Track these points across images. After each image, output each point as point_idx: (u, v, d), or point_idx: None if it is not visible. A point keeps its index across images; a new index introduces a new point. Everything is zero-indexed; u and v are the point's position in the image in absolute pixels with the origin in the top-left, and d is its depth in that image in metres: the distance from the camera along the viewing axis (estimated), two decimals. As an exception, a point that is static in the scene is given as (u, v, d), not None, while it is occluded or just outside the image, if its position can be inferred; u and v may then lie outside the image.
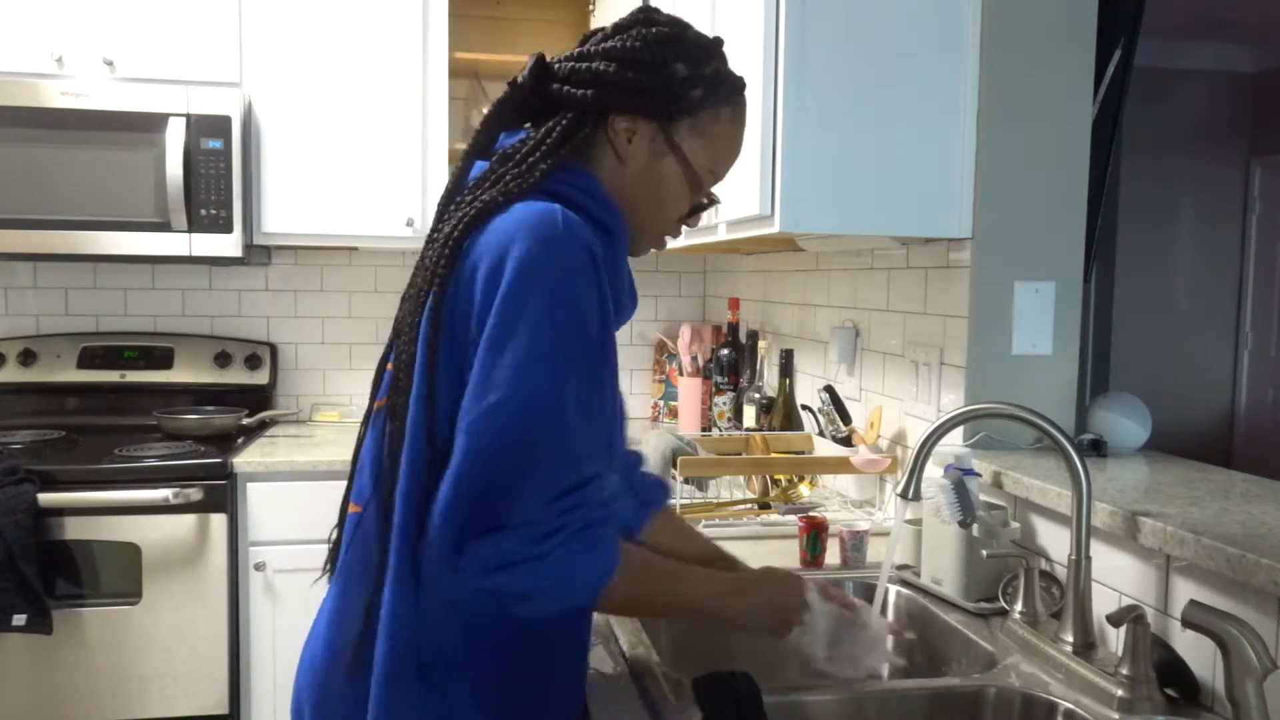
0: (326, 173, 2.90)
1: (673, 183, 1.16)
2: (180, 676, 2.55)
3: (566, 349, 0.99)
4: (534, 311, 0.97)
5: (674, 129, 1.14)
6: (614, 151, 1.14)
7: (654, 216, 1.18)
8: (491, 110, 1.15)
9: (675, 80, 1.13)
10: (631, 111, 1.12)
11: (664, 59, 1.12)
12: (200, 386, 3.11)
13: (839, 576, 1.70)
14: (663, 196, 1.16)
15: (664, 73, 1.12)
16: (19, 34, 2.74)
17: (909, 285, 2.03)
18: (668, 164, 1.15)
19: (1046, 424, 1.31)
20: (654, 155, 1.14)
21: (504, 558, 0.95)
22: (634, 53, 1.11)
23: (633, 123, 1.13)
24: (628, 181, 1.15)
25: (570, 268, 1.00)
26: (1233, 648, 1.05)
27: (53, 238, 2.72)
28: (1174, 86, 6.02)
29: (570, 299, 0.99)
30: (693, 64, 1.14)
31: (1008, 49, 1.77)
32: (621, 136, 1.13)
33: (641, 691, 1.23)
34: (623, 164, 1.14)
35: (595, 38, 1.15)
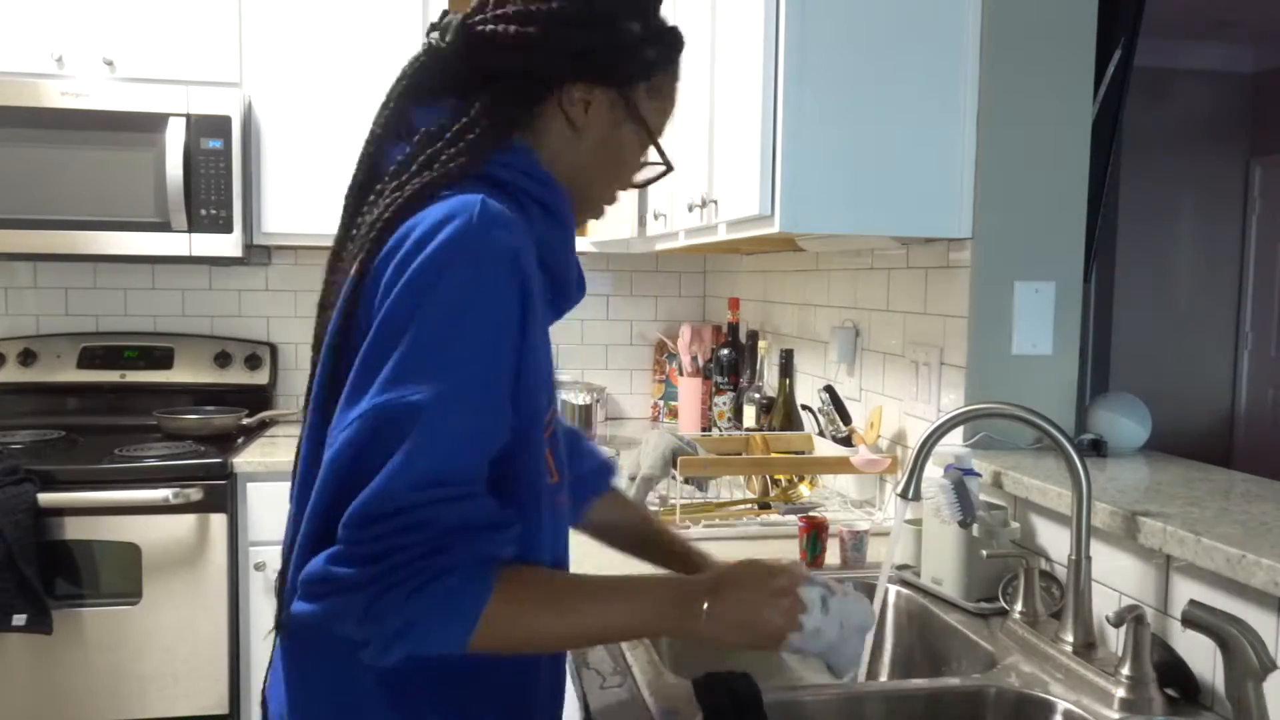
0: (326, 173, 2.90)
1: (630, 149, 1.06)
2: (180, 676, 2.55)
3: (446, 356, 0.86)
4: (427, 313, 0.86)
5: (631, 92, 1.02)
6: (567, 121, 1.01)
7: (606, 186, 1.08)
8: (403, 82, 1.01)
9: (631, 40, 1.00)
10: (588, 79, 1.00)
11: (617, 16, 1.00)
12: (200, 386, 3.11)
13: (839, 577, 1.70)
14: (619, 165, 1.07)
15: (619, 32, 1.00)
16: (19, 34, 2.74)
17: (909, 285, 2.03)
18: (626, 131, 1.04)
19: (1046, 424, 1.31)
20: (613, 124, 1.03)
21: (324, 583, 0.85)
22: (585, 12, 0.98)
23: (588, 90, 1.00)
24: (582, 153, 1.03)
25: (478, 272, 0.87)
26: (1233, 648, 1.05)
27: (53, 238, 2.72)
28: (1174, 86, 6.02)
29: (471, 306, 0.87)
30: (644, 18, 1.02)
31: (1008, 49, 1.77)
32: (578, 106, 1.01)
33: (641, 691, 1.23)
34: (578, 135, 1.02)
35: None
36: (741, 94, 1.85)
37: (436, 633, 0.86)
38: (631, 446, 2.11)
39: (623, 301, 3.49)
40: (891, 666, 1.63)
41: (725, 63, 1.98)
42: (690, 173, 2.24)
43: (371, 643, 0.86)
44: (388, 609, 0.83)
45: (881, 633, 1.64)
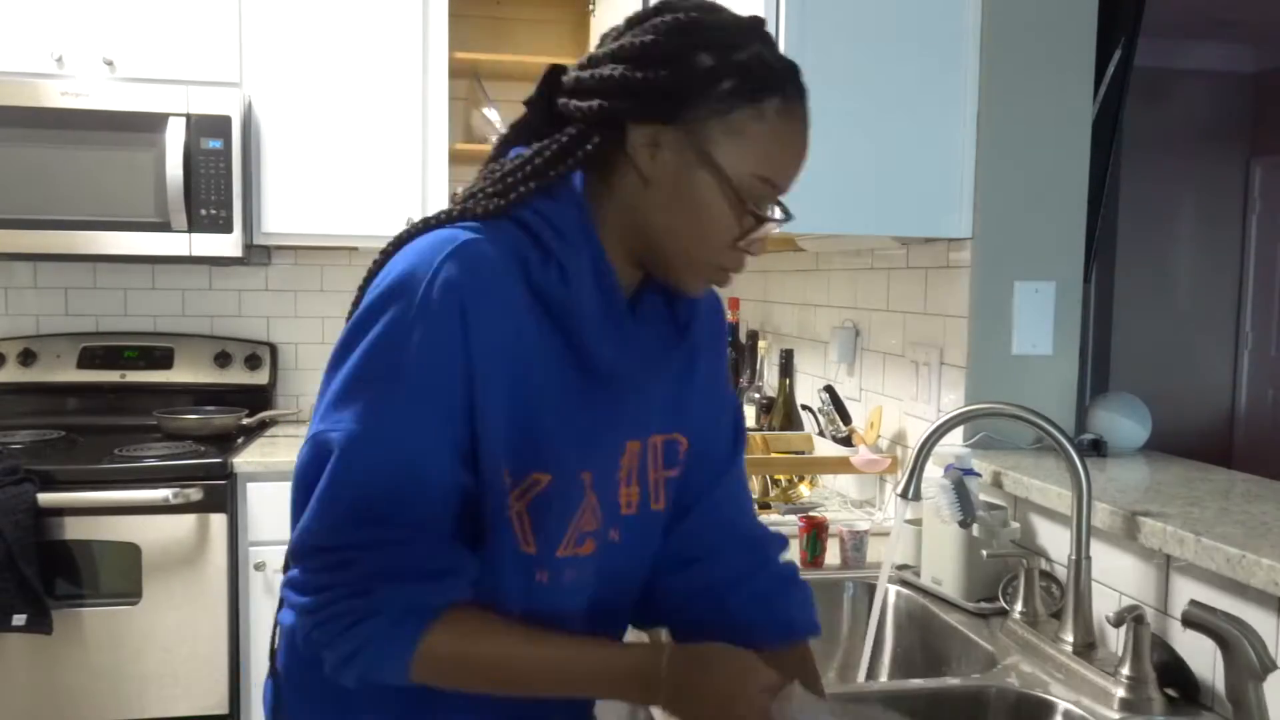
0: (326, 173, 2.90)
1: (711, 199, 0.92)
2: (180, 676, 2.55)
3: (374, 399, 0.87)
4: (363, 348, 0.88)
5: (703, 133, 0.90)
6: (637, 172, 0.92)
7: (697, 245, 0.94)
8: (506, 133, 1.00)
9: (698, 73, 0.89)
10: (649, 119, 0.90)
11: (684, 50, 0.89)
12: (200, 386, 3.11)
13: (839, 576, 1.70)
14: (703, 220, 0.93)
15: (685, 66, 0.89)
16: (19, 34, 2.74)
17: (909, 285, 2.03)
18: (702, 178, 0.91)
19: (1046, 424, 1.31)
20: (685, 168, 0.91)
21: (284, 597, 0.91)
22: (646, 47, 0.90)
23: (653, 133, 0.91)
24: (657, 206, 0.93)
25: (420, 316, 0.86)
26: (1233, 648, 1.05)
27: (53, 238, 2.72)
28: (1174, 86, 6.02)
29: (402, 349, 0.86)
30: (720, 51, 0.90)
31: (1008, 49, 1.77)
32: (643, 153, 0.91)
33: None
34: (648, 185, 0.92)
35: (608, 35, 0.95)
36: (741, 94, 1.85)
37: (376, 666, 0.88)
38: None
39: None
40: (891, 666, 1.63)
41: (725, 63, 1.97)
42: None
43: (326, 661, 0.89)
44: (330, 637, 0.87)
45: (882, 633, 1.64)
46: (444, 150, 2.96)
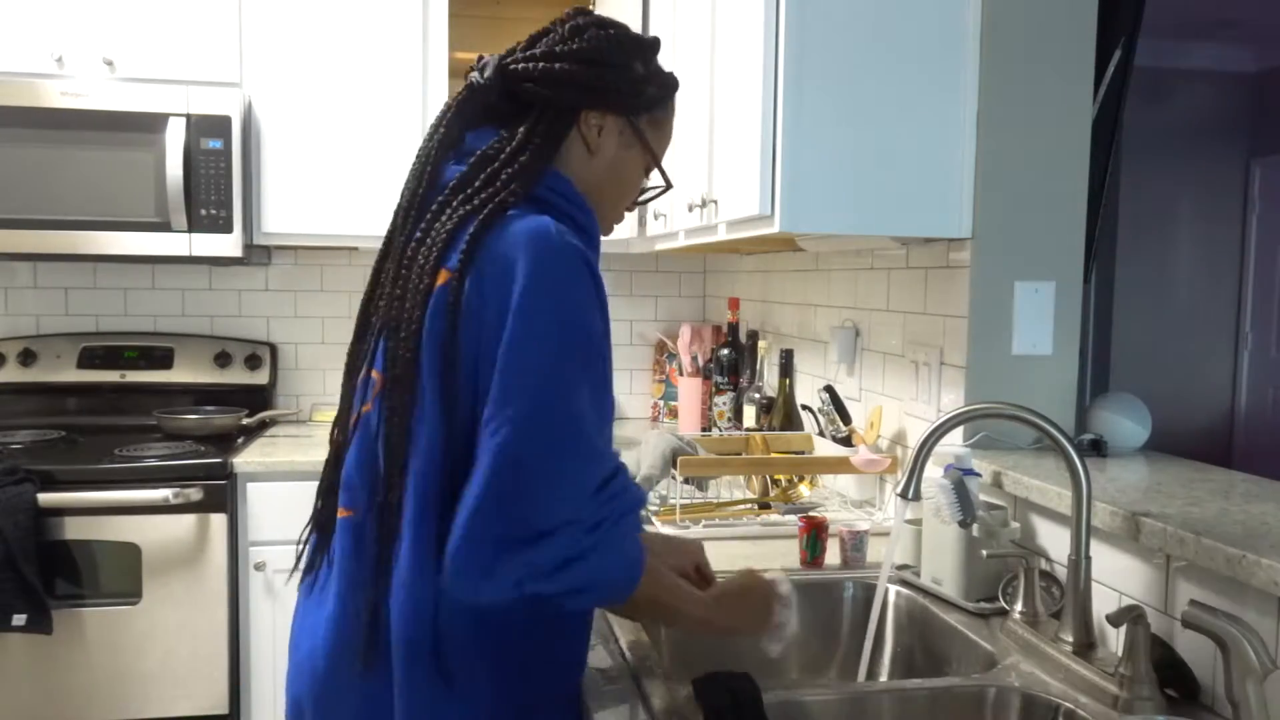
0: (326, 173, 2.90)
1: (633, 171, 1.26)
2: (180, 676, 2.55)
3: (578, 356, 1.03)
4: (544, 323, 1.02)
5: (638, 121, 1.24)
6: (584, 145, 1.21)
7: (614, 204, 1.27)
8: (451, 110, 1.19)
9: (636, 77, 1.22)
10: (602, 108, 1.20)
11: (625, 59, 1.21)
12: (200, 386, 3.11)
13: (839, 577, 1.70)
14: (624, 185, 1.26)
15: (627, 71, 1.21)
16: (19, 34, 2.74)
17: (909, 285, 2.03)
18: (632, 154, 1.25)
19: (1046, 424, 1.31)
20: (622, 147, 1.23)
21: (560, 558, 0.99)
22: (600, 53, 1.19)
23: (602, 118, 1.21)
24: (595, 171, 1.22)
25: (572, 279, 1.06)
26: (1233, 648, 1.05)
27: (53, 238, 2.72)
28: (1174, 86, 6.02)
29: (576, 309, 1.05)
30: (646, 62, 1.24)
31: (1008, 49, 1.77)
32: (593, 131, 1.21)
33: (641, 691, 1.23)
34: (592, 156, 1.22)
35: (550, 39, 1.20)
36: (741, 94, 1.85)
37: (621, 589, 1.06)
38: (631, 446, 2.11)
39: (623, 301, 3.49)
40: (891, 666, 1.63)
41: (725, 63, 1.98)
42: (690, 173, 2.24)
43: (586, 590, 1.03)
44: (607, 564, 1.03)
45: (882, 633, 1.64)
46: (444, 150, 2.95)
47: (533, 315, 1.02)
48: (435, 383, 1.05)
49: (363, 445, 1.13)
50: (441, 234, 1.09)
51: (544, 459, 0.99)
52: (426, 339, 1.06)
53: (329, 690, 1.11)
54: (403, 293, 1.09)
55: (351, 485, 1.13)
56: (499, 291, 1.03)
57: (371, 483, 1.11)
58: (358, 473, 1.13)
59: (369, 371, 1.15)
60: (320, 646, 1.13)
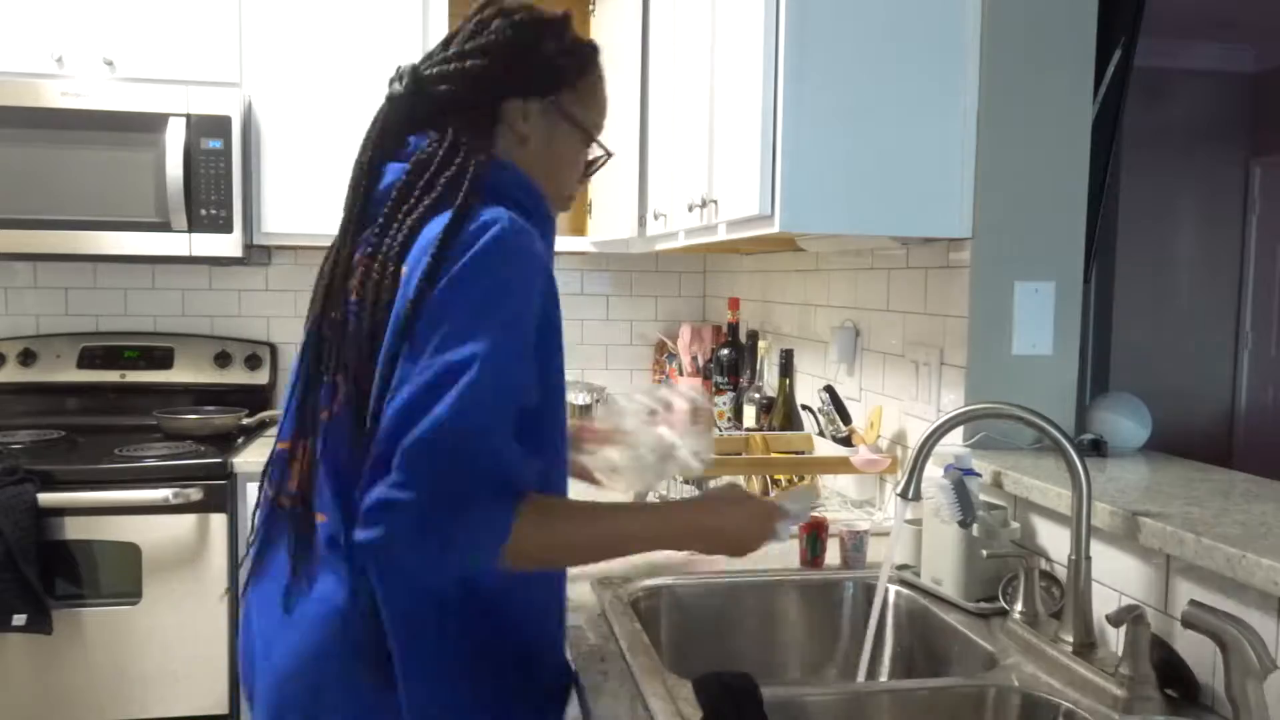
0: (326, 173, 2.90)
1: (569, 147, 1.26)
2: (180, 676, 2.55)
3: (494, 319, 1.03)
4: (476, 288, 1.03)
5: (560, 99, 1.23)
6: (513, 134, 1.21)
7: (559, 182, 1.27)
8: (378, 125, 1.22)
9: (549, 56, 1.22)
10: (521, 94, 1.21)
11: (535, 40, 1.21)
12: (200, 386, 3.11)
13: (839, 576, 1.70)
14: (563, 162, 1.27)
15: (538, 53, 1.21)
16: (19, 34, 2.74)
17: (909, 285, 2.03)
18: (563, 132, 1.25)
19: (1046, 424, 1.31)
20: (550, 127, 1.24)
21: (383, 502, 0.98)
22: (509, 42, 1.19)
23: (524, 104, 1.21)
24: (531, 158, 1.22)
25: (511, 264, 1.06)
26: (1233, 648, 1.05)
27: (53, 238, 2.72)
28: (1174, 86, 6.02)
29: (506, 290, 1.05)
30: (557, 38, 1.24)
31: (1008, 49, 1.77)
32: (517, 119, 1.21)
33: (641, 691, 1.23)
34: (524, 143, 1.22)
35: (459, 37, 1.21)
36: (741, 94, 1.85)
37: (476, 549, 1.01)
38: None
39: (623, 301, 3.49)
40: (891, 666, 1.63)
41: (725, 63, 1.98)
42: (690, 173, 2.24)
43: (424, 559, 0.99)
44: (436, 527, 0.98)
45: (882, 633, 1.64)
46: (444, 150, 2.95)
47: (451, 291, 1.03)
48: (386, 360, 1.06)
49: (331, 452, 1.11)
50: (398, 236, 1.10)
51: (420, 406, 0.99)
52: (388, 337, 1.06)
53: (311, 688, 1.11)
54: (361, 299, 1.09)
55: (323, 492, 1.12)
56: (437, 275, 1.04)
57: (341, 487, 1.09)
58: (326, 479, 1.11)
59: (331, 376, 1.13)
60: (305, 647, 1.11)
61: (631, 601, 1.55)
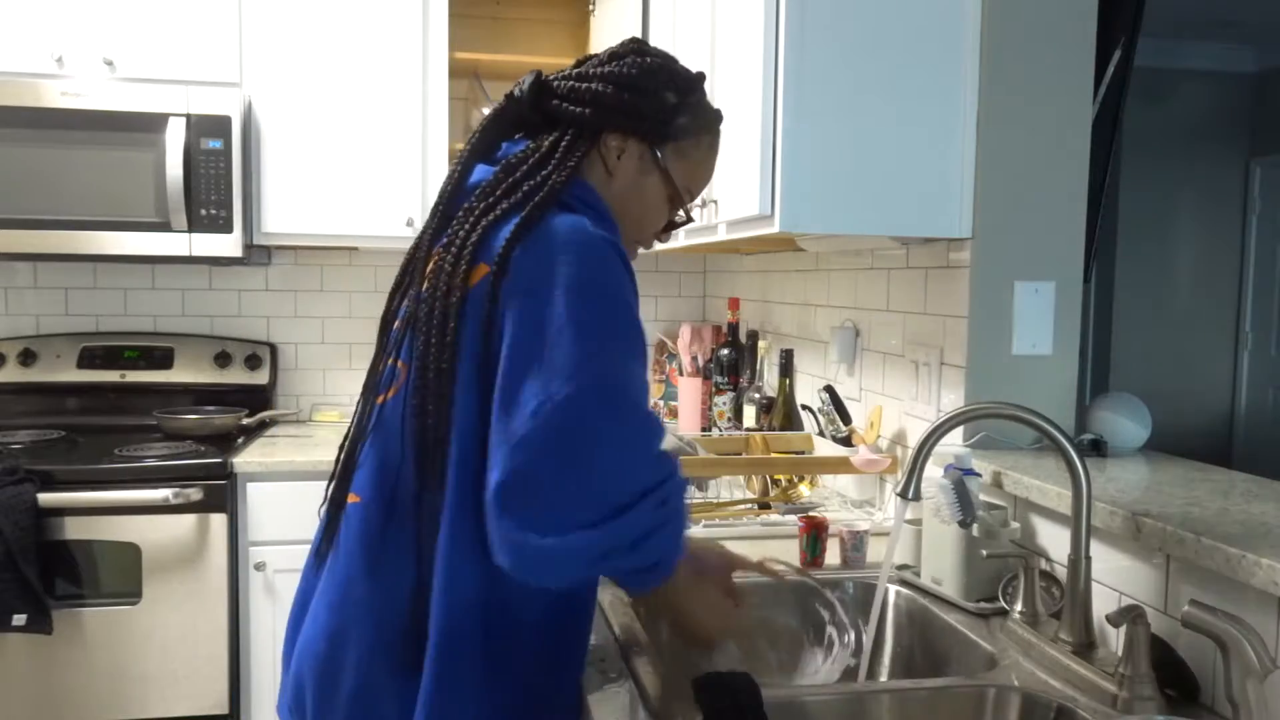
0: (326, 173, 2.90)
1: (654, 198, 1.26)
2: (180, 676, 2.55)
3: (626, 335, 1.06)
4: (593, 304, 1.04)
5: (661, 150, 1.24)
6: (603, 166, 1.23)
7: (634, 227, 1.27)
8: (488, 119, 1.23)
9: (666, 106, 1.23)
10: (624, 131, 1.22)
11: (657, 87, 1.22)
12: (200, 386, 3.11)
13: (839, 576, 1.70)
14: (644, 210, 1.27)
15: (656, 99, 1.22)
16: (19, 34, 2.74)
17: (909, 285, 2.03)
18: (652, 181, 1.25)
19: (1046, 424, 1.31)
20: (641, 172, 1.24)
21: (642, 530, 1.00)
22: (630, 78, 1.21)
23: (623, 141, 1.22)
24: (613, 194, 1.23)
25: (612, 266, 1.08)
26: (1233, 648, 1.05)
27: (53, 238, 2.72)
28: (1174, 86, 6.02)
29: (619, 291, 1.08)
30: (681, 93, 1.24)
31: (1008, 49, 1.77)
32: (612, 153, 1.22)
33: (641, 691, 1.23)
34: (610, 178, 1.23)
35: (591, 61, 1.24)
36: (741, 94, 1.85)
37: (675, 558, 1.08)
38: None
39: (623, 301, 3.49)
40: (891, 666, 1.63)
41: (725, 63, 1.98)
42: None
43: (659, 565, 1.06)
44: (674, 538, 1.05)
45: (882, 633, 1.64)
46: (444, 150, 2.96)
47: (581, 297, 1.04)
48: (475, 373, 1.06)
49: (380, 435, 1.15)
50: (476, 230, 1.11)
51: (611, 431, 1.00)
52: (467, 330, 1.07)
53: (328, 672, 1.13)
54: (433, 288, 1.11)
55: (364, 474, 1.15)
56: (542, 282, 1.05)
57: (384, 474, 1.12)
58: (371, 463, 1.15)
59: (394, 361, 1.17)
60: (321, 630, 1.15)
61: (631, 601, 1.55)
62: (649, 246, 1.33)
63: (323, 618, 1.16)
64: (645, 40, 1.26)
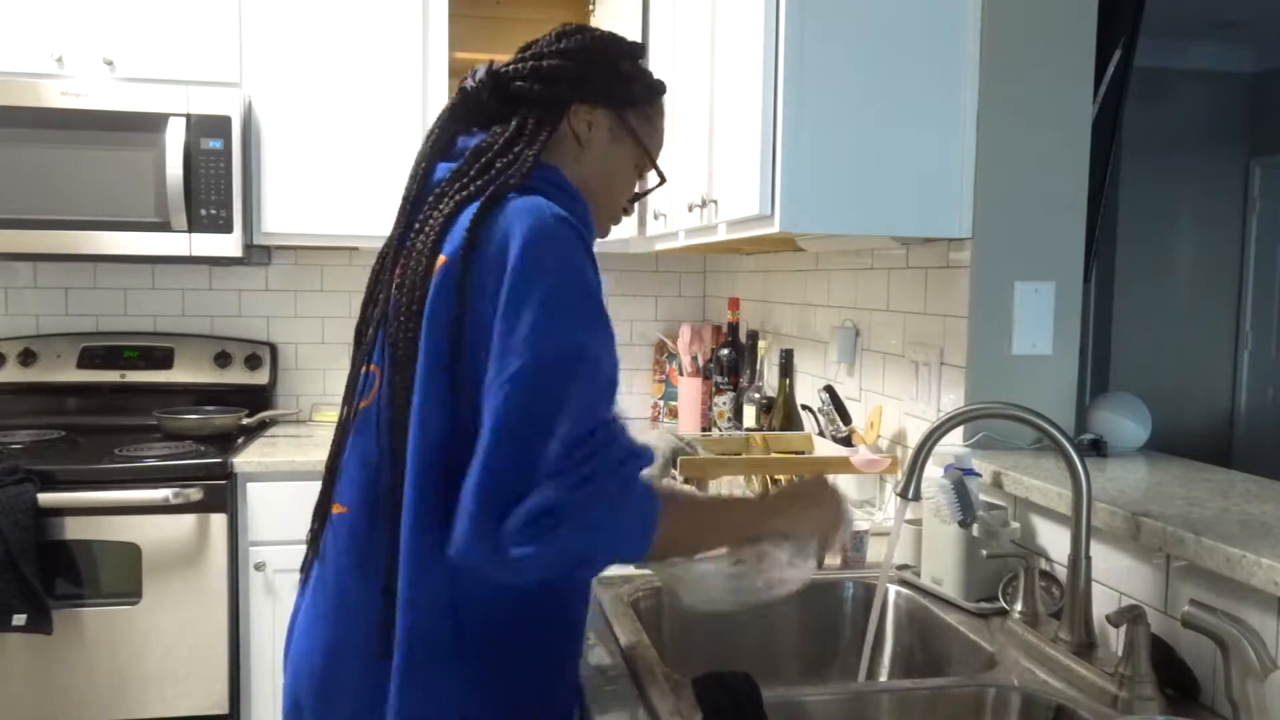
0: (326, 173, 2.90)
1: (625, 165, 1.28)
2: (180, 676, 2.55)
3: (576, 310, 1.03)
4: (543, 282, 1.02)
5: (626, 116, 1.26)
6: (575, 139, 1.23)
7: (610, 198, 1.28)
8: (443, 116, 1.25)
9: (623, 75, 1.25)
10: (591, 102, 1.23)
11: (614, 56, 1.25)
12: (200, 386, 3.11)
13: (839, 576, 1.70)
14: (618, 178, 1.28)
15: (614, 69, 1.24)
16: (19, 34, 2.74)
17: (909, 285, 2.03)
18: (623, 148, 1.27)
19: (1046, 424, 1.31)
20: (612, 140, 1.25)
21: (545, 511, 0.95)
22: (587, 51, 1.23)
23: (591, 112, 1.23)
24: (587, 166, 1.24)
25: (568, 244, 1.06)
26: (1233, 648, 1.05)
27: (53, 238, 2.72)
28: (1174, 86, 6.02)
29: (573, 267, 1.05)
30: (632, 61, 1.27)
31: (1008, 49, 1.77)
32: (583, 124, 1.23)
33: (641, 691, 1.23)
34: (583, 150, 1.24)
35: (540, 43, 1.25)
36: (741, 94, 1.85)
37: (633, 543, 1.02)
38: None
39: (623, 301, 3.49)
40: (891, 666, 1.63)
41: (725, 63, 1.98)
42: (690, 173, 2.24)
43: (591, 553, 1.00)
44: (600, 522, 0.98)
45: (882, 633, 1.64)
46: (444, 150, 2.96)
47: (526, 277, 1.02)
48: (439, 367, 1.05)
49: (360, 440, 1.14)
50: (437, 221, 1.11)
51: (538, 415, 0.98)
52: (427, 324, 1.06)
53: (326, 687, 1.12)
54: (400, 282, 1.10)
55: (347, 482, 1.14)
56: (497, 269, 1.04)
57: (366, 478, 1.11)
58: (353, 469, 1.14)
59: (368, 366, 1.16)
60: (316, 645, 1.13)
61: (632, 602, 1.55)
62: (618, 221, 1.33)
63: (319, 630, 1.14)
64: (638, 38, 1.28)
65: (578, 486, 0.96)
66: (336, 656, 1.11)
